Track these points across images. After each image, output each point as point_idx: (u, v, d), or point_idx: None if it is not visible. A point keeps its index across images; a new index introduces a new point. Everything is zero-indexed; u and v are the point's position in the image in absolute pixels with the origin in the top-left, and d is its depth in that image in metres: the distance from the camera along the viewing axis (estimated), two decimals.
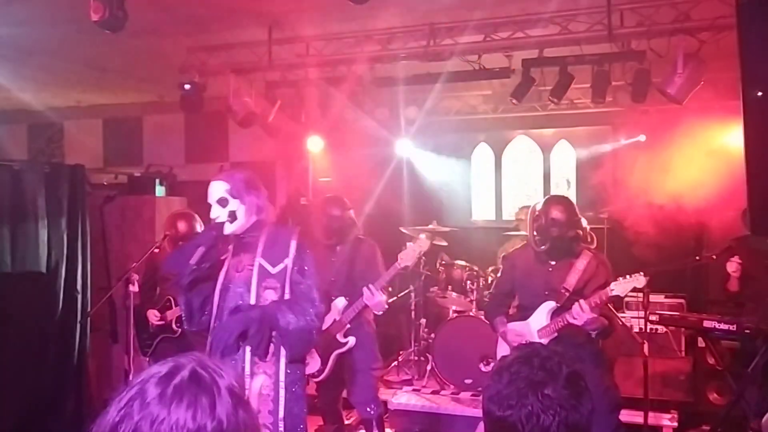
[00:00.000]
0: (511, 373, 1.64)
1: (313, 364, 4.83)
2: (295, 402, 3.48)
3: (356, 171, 7.93)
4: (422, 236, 4.90)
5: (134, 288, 5.18)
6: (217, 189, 3.48)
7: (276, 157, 8.69)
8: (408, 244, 4.68)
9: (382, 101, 8.02)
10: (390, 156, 8.55)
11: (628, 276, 4.03)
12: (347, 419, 6.17)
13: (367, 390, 5.05)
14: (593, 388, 1.69)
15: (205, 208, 6.08)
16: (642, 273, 4.04)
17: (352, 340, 4.86)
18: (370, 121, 8.02)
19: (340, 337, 4.86)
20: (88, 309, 6.16)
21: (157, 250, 5.23)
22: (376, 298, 4.74)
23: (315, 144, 8.05)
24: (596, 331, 4.16)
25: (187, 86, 6.76)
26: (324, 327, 4.61)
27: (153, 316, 5.44)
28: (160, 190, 7.95)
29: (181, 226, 5.48)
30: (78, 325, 6.08)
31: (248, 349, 3.41)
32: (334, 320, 4.85)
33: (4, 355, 5.68)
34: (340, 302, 4.88)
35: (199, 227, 5.62)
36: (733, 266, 5.46)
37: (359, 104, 7.19)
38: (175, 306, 5.37)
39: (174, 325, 5.39)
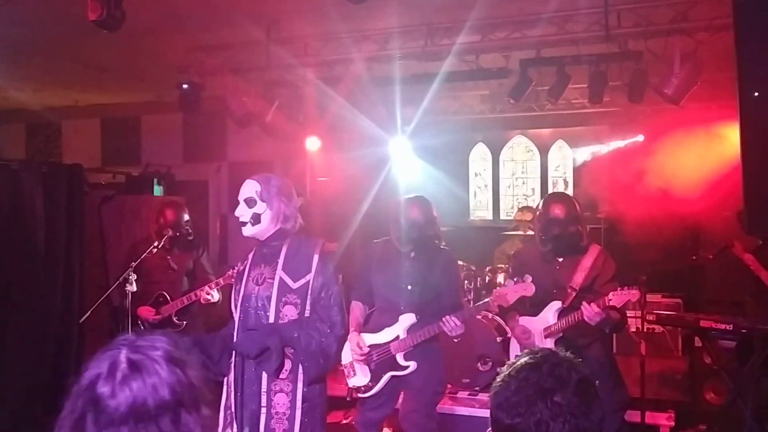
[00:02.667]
0: (520, 380, 1.61)
1: (361, 375, 4.36)
2: (312, 422, 3.36)
3: (354, 170, 7.94)
4: (528, 278, 4.07)
5: (132, 288, 5.17)
6: (249, 188, 3.41)
7: (274, 157, 8.70)
8: (508, 281, 4.12)
9: (380, 101, 8.02)
10: (387, 156, 8.55)
11: (626, 288, 4.03)
12: (345, 419, 6.17)
13: (426, 418, 4.37)
14: (598, 388, 1.68)
15: (202, 207, 6.12)
16: (637, 287, 4.00)
17: (413, 365, 4.26)
18: (368, 121, 8.01)
19: (400, 359, 4.28)
20: (86, 308, 6.16)
21: (155, 250, 5.23)
22: (457, 331, 4.15)
23: (313, 143, 8.05)
24: (609, 327, 4.17)
25: (185, 86, 6.76)
26: (383, 340, 4.30)
27: (147, 312, 5.40)
28: (158, 190, 7.96)
29: (170, 214, 5.58)
30: (76, 325, 6.08)
31: None
32: (397, 337, 4.29)
33: (1, 354, 5.68)
34: (408, 319, 4.28)
35: (187, 216, 5.69)
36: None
37: (357, 104, 7.19)
38: (172, 300, 5.38)
39: (175, 319, 5.37)
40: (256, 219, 3.38)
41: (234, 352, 3.36)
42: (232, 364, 3.36)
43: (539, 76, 6.56)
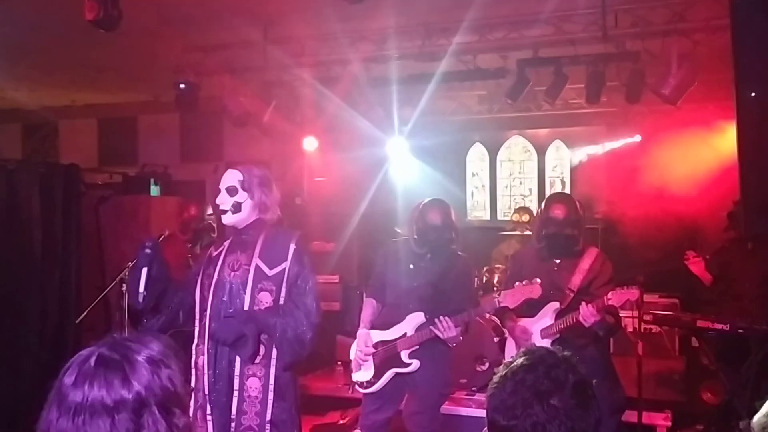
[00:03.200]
0: (516, 381, 1.60)
1: (366, 370, 4.33)
2: (285, 407, 3.43)
3: (351, 171, 7.94)
4: (537, 280, 4.02)
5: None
6: (231, 177, 3.48)
7: (271, 157, 8.68)
8: (517, 284, 4.04)
9: (377, 101, 8.02)
10: (385, 156, 8.55)
11: (625, 287, 4.02)
12: (342, 419, 6.17)
13: (431, 419, 4.29)
14: (595, 389, 1.67)
15: (198, 207, 6.11)
16: (636, 287, 4.00)
17: (415, 364, 4.21)
18: (365, 121, 8.01)
19: (404, 356, 4.23)
20: (83, 309, 6.14)
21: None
22: (449, 333, 4.06)
23: (310, 144, 8.05)
24: (603, 330, 4.18)
25: (182, 86, 6.75)
26: (391, 337, 4.26)
27: None
28: (155, 190, 7.93)
29: (193, 210, 5.61)
30: (72, 325, 6.06)
31: None
32: (404, 334, 4.23)
33: None
34: (417, 318, 4.22)
35: (210, 210, 5.70)
36: None
37: (354, 104, 7.19)
38: None
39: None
40: (236, 207, 3.44)
41: (206, 336, 3.42)
42: (204, 348, 3.41)
43: (537, 77, 6.56)
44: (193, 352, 3.50)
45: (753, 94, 2.96)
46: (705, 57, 5.58)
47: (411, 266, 4.34)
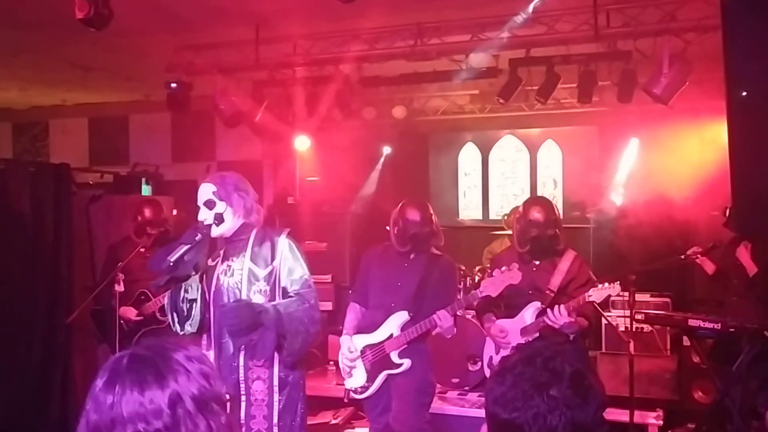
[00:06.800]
0: (515, 374, 1.63)
1: (358, 376, 4.37)
2: (291, 407, 3.46)
3: (343, 170, 7.92)
4: (516, 265, 4.15)
5: (120, 288, 5.13)
6: (205, 191, 3.48)
7: (263, 157, 8.68)
8: (495, 271, 4.16)
9: (370, 101, 8.02)
10: (377, 155, 8.55)
11: (606, 284, 4.13)
12: (334, 419, 6.17)
13: (418, 418, 4.33)
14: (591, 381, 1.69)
15: (192, 208, 6.08)
16: (618, 282, 4.14)
17: (407, 363, 4.26)
18: (358, 121, 8.01)
19: (394, 357, 4.27)
20: (73, 309, 6.12)
21: (143, 250, 5.20)
22: (447, 323, 4.18)
23: (302, 143, 8.03)
24: (573, 334, 4.26)
25: (173, 85, 6.72)
26: (378, 340, 4.30)
27: (129, 312, 5.32)
28: (146, 190, 7.92)
29: (147, 211, 5.51)
30: (63, 326, 6.04)
31: (242, 355, 3.40)
32: (390, 335, 4.29)
33: None
34: (401, 316, 4.27)
35: (165, 214, 5.64)
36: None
37: (346, 103, 7.18)
38: (154, 297, 5.29)
39: (158, 315, 5.28)
40: (219, 219, 3.44)
41: (211, 344, 3.43)
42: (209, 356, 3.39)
43: (528, 76, 6.56)
44: None
45: (744, 93, 2.96)
46: (696, 56, 5.60)
47: (394, 268, 4.38)
